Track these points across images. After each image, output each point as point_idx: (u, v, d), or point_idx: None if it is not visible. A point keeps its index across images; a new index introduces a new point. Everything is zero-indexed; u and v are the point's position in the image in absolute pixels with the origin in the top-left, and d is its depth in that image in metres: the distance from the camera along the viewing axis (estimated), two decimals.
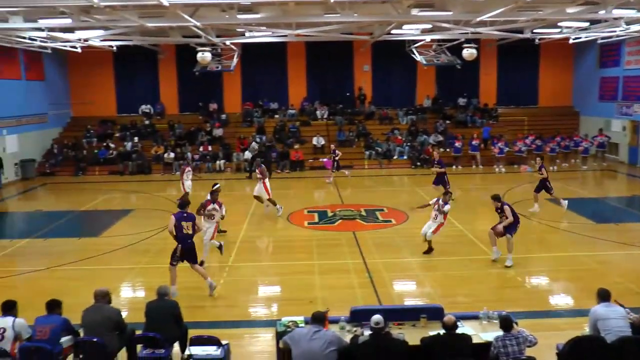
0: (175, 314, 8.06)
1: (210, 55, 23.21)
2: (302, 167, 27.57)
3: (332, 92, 32.61)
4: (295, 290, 11.53)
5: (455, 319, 7.17)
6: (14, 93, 26.20)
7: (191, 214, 11.46)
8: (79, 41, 23.38)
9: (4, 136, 25.41)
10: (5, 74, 25.52)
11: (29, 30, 20.58)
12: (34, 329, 7.55)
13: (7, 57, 25.58)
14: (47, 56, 28.22)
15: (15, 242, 15.24)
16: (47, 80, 29.49)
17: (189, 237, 11.23)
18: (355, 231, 15.82)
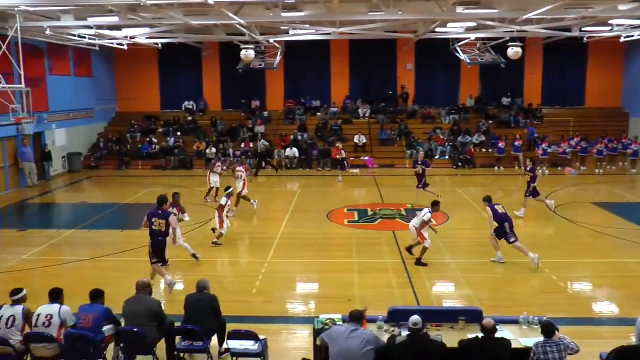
0: (214, 308, 8.15)
1: (253, 52, 23.39)
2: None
3: (374, 90, 32.53)
4: (333, 288, 11.53)
5: (494, 323, 7.02)
6: (64, 89, 26.94)
7: (166, 212, 11.41)
8: (126, 39, 23.91)
9: (53, 130, 26.16)
10: (56, 70, 26.29)
11: (78, 28, 21.16)
12: (78, 317, 7.76)
13: (58, 54, 26.34)
14: (95, 53, 28.94)
15: (61, 233, 15.64)
16: (94, 77, 30.23)
17: (160, 234, 11.20)
18: (395, 231, 15.72)
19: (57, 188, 23.88)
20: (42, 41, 23.77)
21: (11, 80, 20.14)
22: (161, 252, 11.39)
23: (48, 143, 25.68)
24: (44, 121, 24.81)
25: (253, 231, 16.26)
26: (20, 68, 18.80)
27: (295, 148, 27.99)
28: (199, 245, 14.76)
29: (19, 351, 7.64)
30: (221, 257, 13.97)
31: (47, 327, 7.60)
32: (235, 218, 17.60)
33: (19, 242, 15.41)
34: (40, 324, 7.62)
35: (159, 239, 11.28)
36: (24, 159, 23.28)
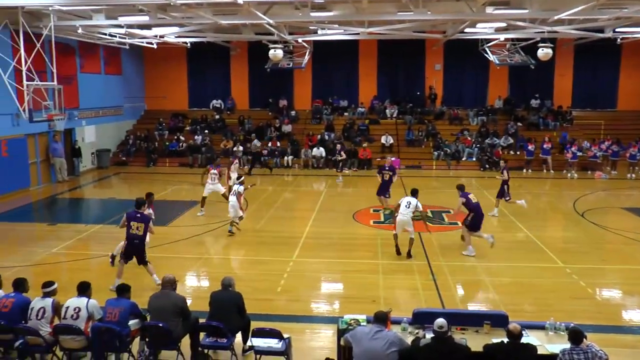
0: (238, 305, 8.21)
1: (282, 52, 23.45)
2: (369, 166, 27.49)
3: (402, 90, 32.39)
4: (358, 288, 11.52)
5: (520, 328, 6.94)
6: (94, 86, 27.37)
7: (145, 216, 11.26)
8: (155, 37, 24.20)
9: (83, 127, 26.58)
10: (87, 68, 26.72)
11: (109, 27, 21.52)
12: (104, 311, 7.90)
13: (89, 52, 26.78)
14: (125, 52, 29.34)
15: (89, 227, 15.89)
16: (124, 75, 30.65)
17: (136, 237, 11.03)
18: (421, 232, 15.62)
19: (86, 183, 24.27)
20: (73, 40, 24.18)
21: (44, 77, 20.54)
22: (140, 254, 11.19)
23: (78, 139, 26.10)
24: (74, 118, 25.21)
25: (279, 230, 16.30)
26: (53, 66, 19.22)
27: (322, 148, 28.01)
28: (227, 243, 14.91)
29: (48, 342, 7.81)
30: (246, 255, 14.06)
31: (75, 320, 7.75)
32: (261, 216, 17.70)
33: (49, 235, 15.71)
34: (69, 316, 7.77)
35: (135, 241, 11.09)
36: (54, 154, 23.72)
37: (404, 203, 13.45)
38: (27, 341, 7.81)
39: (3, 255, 13.86)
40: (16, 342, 7.82)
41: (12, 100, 19.13)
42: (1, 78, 18.54)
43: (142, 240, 11.17)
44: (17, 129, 21.28)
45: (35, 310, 7.88)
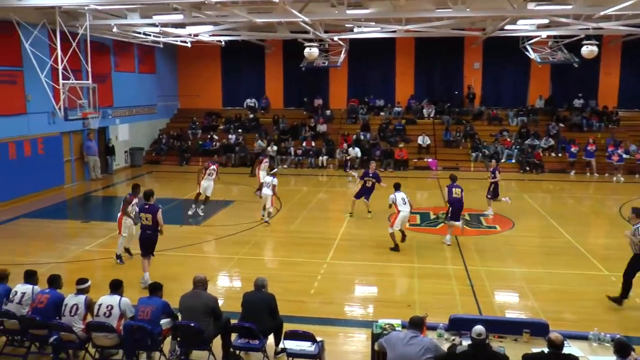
0: (271, 306, 8.23)
1: (317, 50, 23.51)
2: (405, 167, 27.35)
3: (440, 90, 32.15)
4: (393, 292, 11.47)
5: (562, 338, 6.73)
6: (128, 85, 27.85)
7: (153, 206, 11.63)
8: (189, 36, 24.47)
9: (116, 125, 27.07)
10: (121, 67, 27.20)
11: (144, 26, 21.86)
12: (136, 309, 8.02)
13: (124, 51, 27.27)
14: (159, 50, 29.80)
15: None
16: (157, 74, 31.11)
17: (147, 227, 11.53)
18: (458, 235, 15.47)
19: (119, 182, 24.70)
20: (108, 38, 24.63)
21: (79, 76, 20.95)
22: (149, 245, 11.67)
23: (111, 138, 26.59)
24: (108, 116, 25.69)
25: (313, 231, 16.33)
26: (88, 64, 19.60)
27: (357, 148, 27.95)
28: (259, 243, 15.00)
29: (81, 338, 7.97)
30: (280, 256, 14.12)
31: (108, 317, 7.88)
32: (295, 217, 17.76)
33: (83, 233, 16.03)
34: (101, 313, 7.91)
35: (147, 232, 11.62)
36: (88, 152, 24.21)
37: (399, 200, 14.34)
38: (61, 337, 7.98)
39: (38, 251, 14.21)
40: (51, 337, 8.01)
41: (48, 99, 19.57)
42: (38, 77, 18.98)
43: (154, 230, 11.59)
44: (52, 127, 21.79)
45: (68, 306, 8.05)
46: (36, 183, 20.76)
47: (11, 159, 19.60)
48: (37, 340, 8.34)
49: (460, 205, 14.76)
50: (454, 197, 14.66)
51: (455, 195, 14.70)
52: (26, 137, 20.43)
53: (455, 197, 14.66)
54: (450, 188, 14.79)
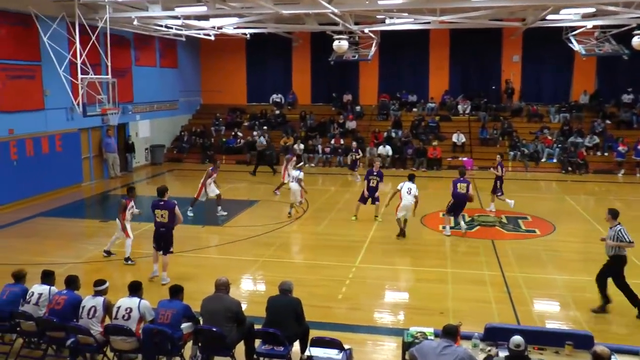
0: (297, 312, 8.22)
1: (347, 43, 23.46)
2: (439, 166, 27.18)
3: (476, 84, 31.92)
4: (425, 298, 11.38)
5: (609, 352, 6.57)
6: (149, 80, 28.18)
7: (169, 202, 12.02)
8: (213, 29, 24.64)
9: (137, 121, 27.41)
10: (142, 61, 27.53)
11: (165, 19, 22.06)
12: (156, 312, 8.08)
13: (145, 45, 27.62)
14: (181, 44, 30.10)
15: (142, 225, 16.27)
16: (179, 68, 31.43)
17: (162, 225, 11.91)
18: (494, 240, 15.33)
19: (139, 180, 24.99)
20: (129, 32, 24.98)
21: (98, 70, 21.27)
22: (165, 242, 12.04)
23: (131, 134, 26.95)
24: (128, 112, 26.05)
25: (341, 233, 16.32)
26: (108, 59, 19.86)
27: (389, 146, 27.87)
28: (284, 245, 15.03)
29: (99, 342, 8.06)
30: (306, 259, 14.13)
31: (127, 320, 7.96)
32: (322, 218, 17.76)
33: (101, 232, 16.25)
34: (120, 316, 7.99)
35: (160, 229, 11.98)
36: (107, 149, 24.55)
37: (405, 190, 15.33)
38: (78, 340, 8.09)
39: (55, 251, 14.45)
40: (68, 340, 8.12)
41: (66, 94, 19.91)
42: (57, 71, 19.29)
43: (169, 227, 11.98)
44: (70, 123, 22.15)
45: (86, 308, 8.16)
46: (54, 181, 21.13)
47: (29, 156, 19.97)
48: (54, 342, 8.46)
49: (463, 201, 15.66)
50: (458, 191, 15.58)
51: (460, 190, 15.59)
52: (44, 133, 20.81)
53: (459, 192, 15.57)
54: (456, 182, 15.65)
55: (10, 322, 8.59)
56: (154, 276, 12.23)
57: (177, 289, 8.32)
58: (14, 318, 8.53)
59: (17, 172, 19.45)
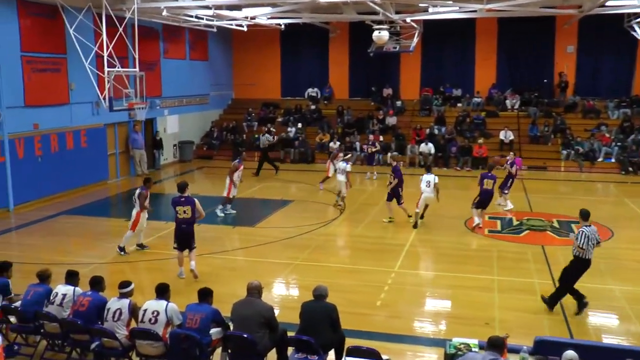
0: (332, 318, 8.21)
1: (387, 34, 23.39)
2: (485, 165, 26.85)
3: (526, 78, 31.55)
4: (468, 307, 11.28)
5: None
6: (178, 73, 28.53)
7: (189, 198, 12.51)
8: (246, 19, 24.74)
9: (165, 116, 27.77)
10: (170, 54, 27.88)
11: (196, 9, 22.26)
12: (184, 316, 8.17)
13: (174, 36, 27.96)
14: (212, 35, 30.40)
15: (170, 225, 16.43)
16: (210, 61, 31.74)
17: (183, 221, 12.39)
18: (545, 245, 15.14)
19: (166, 178, 25.30)
20: (157, 23, 25.30)
21: (125, 63, 21.58)
22: (187, 239, 12.53)
23: (159, 130, 27.29)
24: (156, 107, 26.37)
25: (380, 236, 16.30)
26: (135, 51, 20.12)
27: (431, 143, 27.71)
28: (320, 248, 15.06)
29: (124, 346, 8.19)
30: (343, 263, 14.14)
31: (153, 324, 8.07)
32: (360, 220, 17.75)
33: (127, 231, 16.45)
34: (147, 320, 8.11)
35: (182, 226, 12.48)
36: (134, 146, 24.92)
37: (424, 183, 16.48)
38: (102, 343, 8.24)
39: (80, 250, 14.76)
40: (92, 343, 8.27)
41: (92, 88, 20.27)
42: (82, 64, 19.64)
43: (192, 223, 12.51)
44: (96, 118, 22.57)
45: (111, 311, 8.29)
46: (78, 178, 21.57)
47: (53, 152, 20.42)
48: (78, 345, 8.63)
49: (489, 197, 16.54)
50: (484, 187, 16.34)
51: (487, 186, 16.34)
52: (69, 128, 21.25)
53: (485, 189, 16.35)
54: (483, 177, 16.35)
55: (34, 323, 8.80)
56: (182, 277, 12.56)
57: (206, 292, 8.38)
58: (38, 319, 8.74)
59: (42, 169, 19.91)
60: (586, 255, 10.69)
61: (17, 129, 18.99)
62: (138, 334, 8.09)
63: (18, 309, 8.90)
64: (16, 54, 18.92)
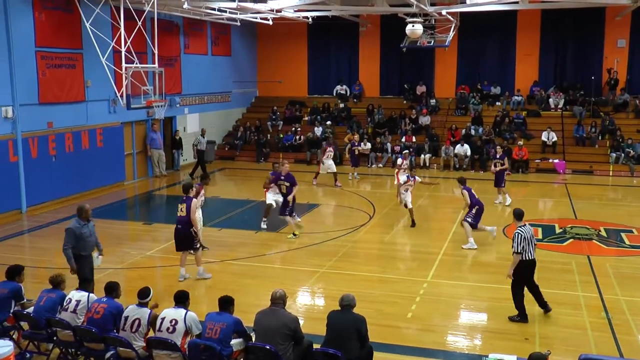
0: (360, 330, 8.23)
1: (421, 27, 23.32)
2: (526, 169, 26.71)
3: (571, 75, 31.28)
4: (507, 321, 11.21)
5: None
6: (199, 69, 28.76)
7: (189, 197, 13.01)
8: (271, 12, 24.84)
9: (185, 115, 27.99)
10: (192, 49, 28.11)
11: (218, 1, 22.40)
12: (204, 326, 8.23)
13: (195, 30, 28.20)
14: (235, 29, 30.62)
15: None
16: (233, 56, 31.96)
17: (179, 220, 12.95)
18: (591, 255, 14.98)
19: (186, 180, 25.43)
20: (178, 16, 25.53)
21: (144, 59, 21.76)
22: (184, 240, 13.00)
23: (179, 129, 27.49)
24: (175, 105, 26.62)
25: (412, 243, 16.31)
26: (155, 46, 20.32)
27: (467, 145, 27.57)
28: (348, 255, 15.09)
29: (141, 357, 8.29)
30: (372, 272, 14.11)
31: (171, 333, 8.15)
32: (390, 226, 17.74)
33: (144, 236, 16.70)
34: (164, 328, 8.20)
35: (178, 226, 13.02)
36: (152, 145, 25.14)
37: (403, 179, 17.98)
38: (118, 353, 8.34)
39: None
40: (107, 353, 8.38)
41: (109, 85, 20.43)
42: (99, 60, 19.79)
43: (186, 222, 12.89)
44: (113, 116, 22.83)
45: (129, 320, 8.40)
46: (94, 179, 21.83)
47: (68, 152, 20.68)
48: (93, 354, 8.74)
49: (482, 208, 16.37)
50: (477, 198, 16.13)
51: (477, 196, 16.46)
52: (84, 127, 21.51)
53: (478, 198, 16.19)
54: (470, 190, 16.15)
55: (47, 330, 8.95)
56: (184, 279, 12.93)
57: (227, 301, 8.43)
58: (51, 326, 8.88)
59: (56, 169, 20.19)
60: (527, 256, 10.92)
61: (31, 127, 19.27)
62: (155, 344, 8.17)
63: (30, 315, 9.05)
64: (30, 49, 19.21)
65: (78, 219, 11.01)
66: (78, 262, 10.81)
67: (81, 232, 10.87)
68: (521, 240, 10.79)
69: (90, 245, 11.14)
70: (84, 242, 10.92)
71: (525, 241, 10.80)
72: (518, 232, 10.86)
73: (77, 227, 10.88)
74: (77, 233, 10.82)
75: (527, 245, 10.83)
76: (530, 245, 10.88)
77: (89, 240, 11.07)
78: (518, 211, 11.30)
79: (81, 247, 10.89)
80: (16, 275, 9.62)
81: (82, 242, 10.88)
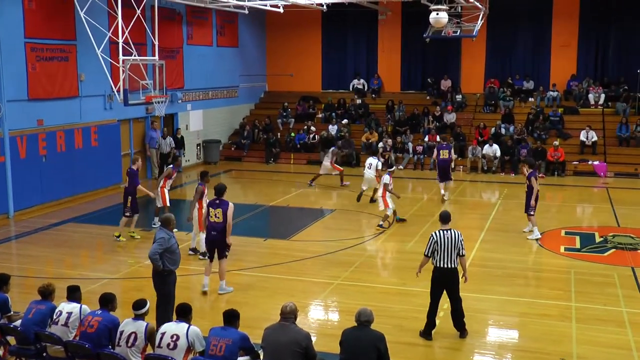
0: (379, 349, 8.17)
1: (446, 16, 23.28)
2: (562, 171, 26.62)
3: (614, 68, 31.14)
4: (541, 339, 11.18)
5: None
6: (203, 62, 28.87)
7: (224, 201, 13.00)
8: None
9: (187, 112, 28.07)
10: (195, 39, 28.20)
11: None
12: (208, 342, 8.22)
13: (199, 19, 28.32)
14: (243, 18, 30.68)
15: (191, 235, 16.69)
16: (240, 47, 32.03)
17: (212, 226, 12.86)
18: (636, 267, 14.87)
19: (189, 182, 25.46)
20: (181, 4, 25.56)
21: (143, 51, 21.82)
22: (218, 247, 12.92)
23: (181, 127, 27.56)
24: (177, 101, 26.67)
25: None
26: (155, 37, 20.37)
27: (496, 145, 27.50)
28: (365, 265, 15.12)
29: None
30: (391, 284, 14.06)
31: (172, 350, 8.14)
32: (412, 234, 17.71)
33: (143, 244, 16.70)
34: (165, 344, 8.19)
35: (212, 233, 12.93)
36: (152, 145, 25.23)
37: (367, 165, 20.45)
38: None
39: (89, 264, 15.07)
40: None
41: (105, 79, 20.50)
42: (94, 52, 19.80)
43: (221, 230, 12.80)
44: (109, 113, 22.95)
45: (125, 334, 8.40)
46: (88, 181, 21.94)
47: (59, 152, 20.78)
48: None
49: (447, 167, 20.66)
50: (441, 157, 20.52)
51: (443, 156, 20.62)
52: (77, 125, 21.61)
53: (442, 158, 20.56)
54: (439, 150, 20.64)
55: (36, 345, 8.96)
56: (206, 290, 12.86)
57: (232, 315, 8.41)
58: (40, 340, 8.89)
59: (46, 170, 20.29)
60: (440, 263, 10.76)
61: (19, 125, 19.38)
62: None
63: (18, 328, 9.06)
64: (19, 40, 19.32)
65: (165, 229, 10.77)
66: (162, 278, 10.59)
67: (170, 243, 10.62)
68: (432, 243, 10.75)
69: (178, 259, 10.88)
70: (172, 255, 10.66)
71: (437, 245, 10.68)
72: (433, 234, 10.86)
73: (166, 237, 10.64)
74: (167, 245, 10.56)
75: (441, 251, 10.66)
76: (445, 253, 10.67)
77: (177, 253, 10.83)
78: (444, 213, 11.20)
79: (169, 260, 10.61)
80: (2, 285, 9.63)
81: (170, 255, 10.61)
